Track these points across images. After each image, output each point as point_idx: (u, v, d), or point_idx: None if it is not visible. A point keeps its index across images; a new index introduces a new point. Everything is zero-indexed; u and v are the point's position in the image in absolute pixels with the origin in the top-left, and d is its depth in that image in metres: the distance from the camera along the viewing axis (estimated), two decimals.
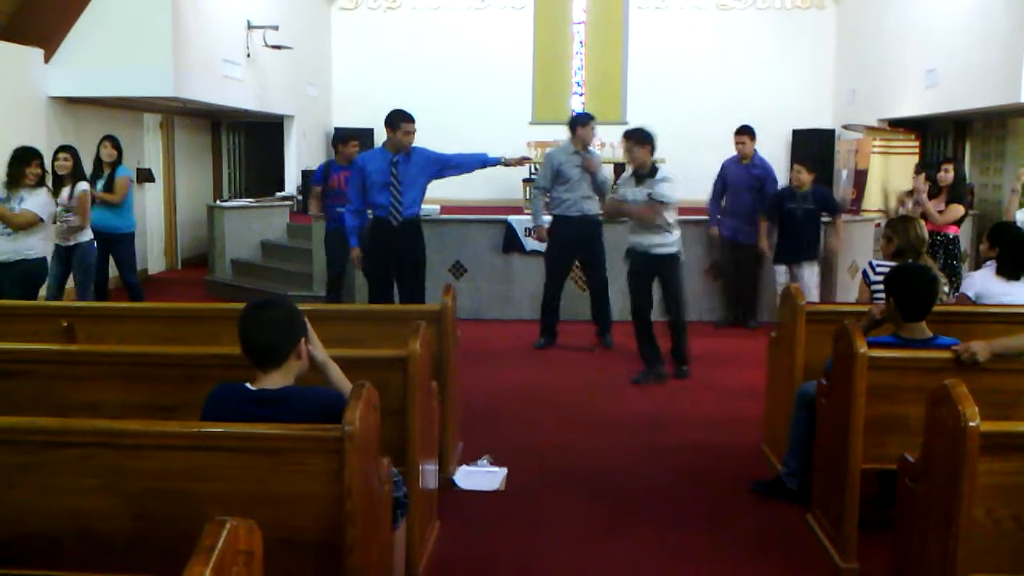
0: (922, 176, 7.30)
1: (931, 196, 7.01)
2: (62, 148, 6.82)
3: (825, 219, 7.57)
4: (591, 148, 6.97)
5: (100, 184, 7.25)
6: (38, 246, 6.08)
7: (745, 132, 7.78)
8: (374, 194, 6.02)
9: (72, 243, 6.79)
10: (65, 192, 6.65)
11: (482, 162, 6.45)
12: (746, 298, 8.02)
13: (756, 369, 5.47)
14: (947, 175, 6.82)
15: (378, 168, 6.00)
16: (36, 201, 5.97)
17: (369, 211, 6.18)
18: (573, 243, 6.93)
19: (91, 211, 6.88)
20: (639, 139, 5.92)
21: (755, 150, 7.85)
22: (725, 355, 6.98)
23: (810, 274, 7.45)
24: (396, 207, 5.98)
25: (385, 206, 6.00)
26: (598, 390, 5.94)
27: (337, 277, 7.78)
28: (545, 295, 7.12)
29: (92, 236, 6.92)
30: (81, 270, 6.84)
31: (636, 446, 4.85)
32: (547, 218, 7.05)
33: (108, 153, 7.32)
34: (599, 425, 5.22)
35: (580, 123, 6.86)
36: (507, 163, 6.64)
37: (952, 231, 7.10)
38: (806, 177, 7.40)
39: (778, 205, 7.51)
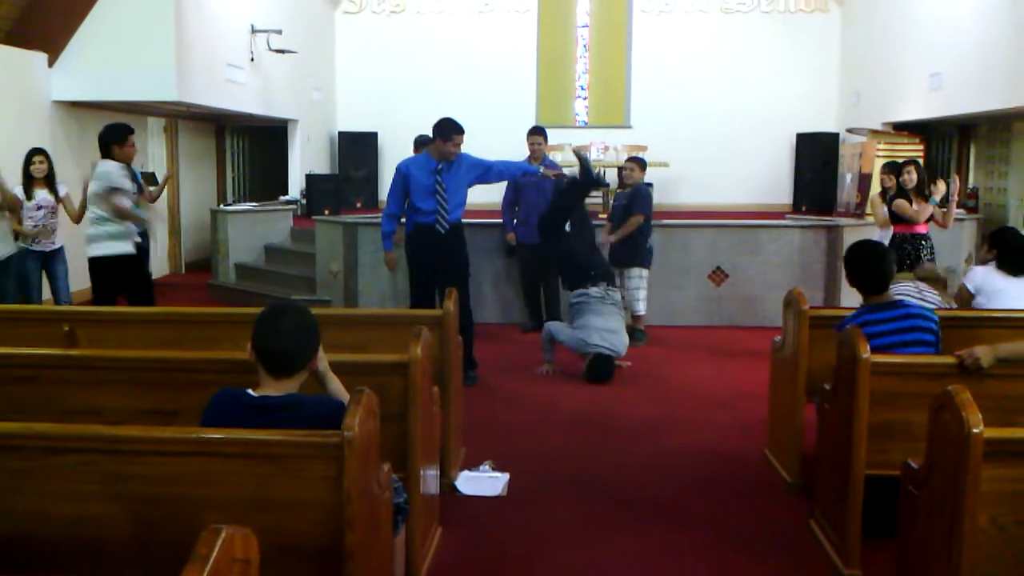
0: (892, 176, 7.26)
1: (899, 198, 6.95)
2: (38, 151, 6.72)
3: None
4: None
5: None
6: None
7: (539, 132, 7.39)
8: (418, 200, 5.94)
9: (57, 247, 6.78)
10: (43, 194, 6.63)
11: (522, 171, 6.56)
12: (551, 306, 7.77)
13: (759, 373, 5.45)
14: (910, 176, 6.81)
15: (423, 174, 5.94)
16: None
17: (403, 218, 6.12)
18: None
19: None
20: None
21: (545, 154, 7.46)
22: (728, 359, 6.98)
23: (638, 282, 7.23)
24: (443, 214, 5.91)
25: (431, 212, 5.92)
26: (600, 394, 5.93)
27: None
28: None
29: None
30: (63, 274, 6.82)
31: (638, 450, 4.84)
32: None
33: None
34: (601, 430, 5.20)
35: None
36: (545, 176, 6.65)
37: (924, 229, 7.04)
38: (638, 175, 7.22)
39: (613, 203, 7.44)
